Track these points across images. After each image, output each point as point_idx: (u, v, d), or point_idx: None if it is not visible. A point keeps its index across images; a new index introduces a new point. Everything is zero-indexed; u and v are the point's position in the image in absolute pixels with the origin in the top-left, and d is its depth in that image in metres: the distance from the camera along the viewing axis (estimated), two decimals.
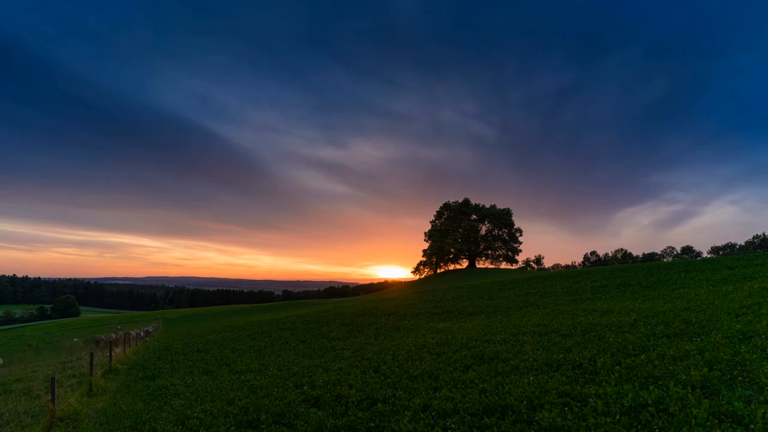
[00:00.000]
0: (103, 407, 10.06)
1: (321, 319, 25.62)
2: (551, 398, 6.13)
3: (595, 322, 12.05)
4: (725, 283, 18.32)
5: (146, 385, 12.17)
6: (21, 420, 9.46)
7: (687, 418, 4.76)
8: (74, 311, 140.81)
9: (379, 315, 23.81)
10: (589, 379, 6.91)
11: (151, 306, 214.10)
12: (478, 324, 15.88)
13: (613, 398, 5.76)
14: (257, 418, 7.32)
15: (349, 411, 6.99)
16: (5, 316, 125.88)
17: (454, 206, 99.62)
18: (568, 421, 5.23)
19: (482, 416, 5.94)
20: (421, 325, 18.45)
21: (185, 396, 10.03)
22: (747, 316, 9.98)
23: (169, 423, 7.67)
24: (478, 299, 26.17)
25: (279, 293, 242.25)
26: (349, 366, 10.91)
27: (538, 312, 17.27)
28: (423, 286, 65.06)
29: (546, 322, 13.61)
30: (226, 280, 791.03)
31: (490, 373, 8.23)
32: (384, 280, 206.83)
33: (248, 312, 62.40)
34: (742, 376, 5.90)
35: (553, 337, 10.74)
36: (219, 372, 13.06)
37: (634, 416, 5.12)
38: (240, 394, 9.25)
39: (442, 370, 9.02)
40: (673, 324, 10.11)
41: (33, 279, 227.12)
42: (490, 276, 61.39)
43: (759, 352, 6.78)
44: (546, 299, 21.97)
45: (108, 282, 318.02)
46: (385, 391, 7.83)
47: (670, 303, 14.13)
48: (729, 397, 5.20)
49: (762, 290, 13.92)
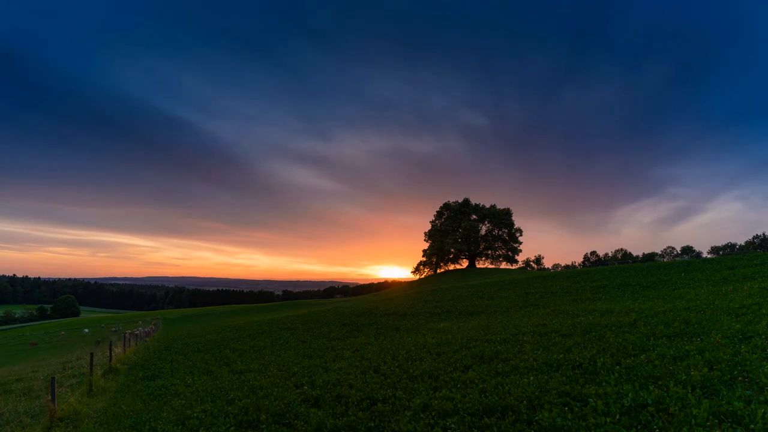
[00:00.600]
0: (103, 407, 10.06)
1: (321, 319, 25.61)
2: (551, 398, 6.13)
3: (595, 322, 12.05)
4: (725, 283, 18.32)
5: (146, 385, 12.17)
6: (21, 420, 9.47)
7: (687, 418, 4.76)
8: (74, 311, 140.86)
9: (379, 315, 23.81)
10: (589, 379, 6.91)
11: (151, 306, 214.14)
12: (478, 324, 15.89)
13: (613, 398, 5.76)
14: (257, 418, 7.32)
15: (349, 411, 6.99)
16: (5, 316, 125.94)
17: (454, 206, 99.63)
18: (568, 421, 5.23)
19: (482, 416, 5.94)
20: (421, 325, 18.45)
21: (185, 396, 10.03)
22: (747, 316, 9.98)
23: (169, 423, 7.67)
24: (478, 299, 26.17)
25: (279, 293, 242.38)
26: (349, 366, 10.91)
27: (538, 312, 17.27)
28: (423, 286, 65.07)
29: (546, 322, 13.61)
30: (226, 280, 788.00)
31: (490, 373, 8.23)
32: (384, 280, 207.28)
33: (248, 312, 62.39)
34: (742, 376, 5.91)
35: (553, 337, 10.74)
36: (219, 372, 13.05)
37: (634, 416, 5.13)
38: (240, 394, 9.25)
39: (442, 370, 9.02)
40: (673, 324, 10.11)
41: (33, 279, 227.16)
42: (490, 276, 61.39)
43: (759, 352, 6.78)
44: (546, 299, 21.97)
45: (108, 282, 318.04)
46: (385, 391, 7.83)
47: (670, 303, 14.13)
48: (729, 397, 5.20)
49: (762, 290, 13.92)
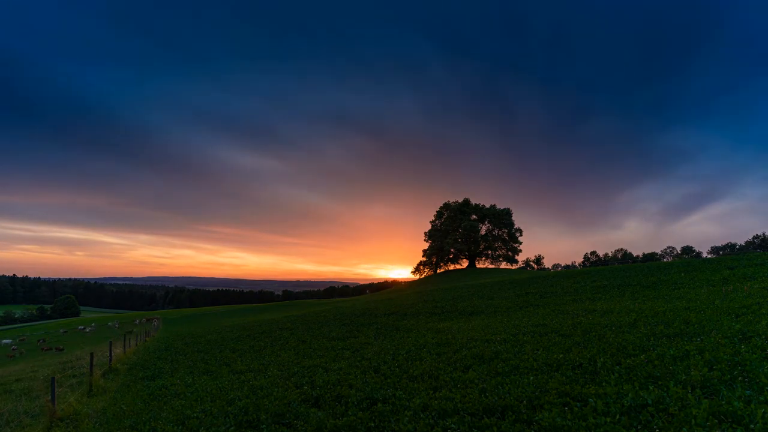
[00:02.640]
0: (103, 407, 10.06)
1: (321, 319, 25.61)
2: (551, 398, 6.13)
3: (595, 322, 12.05)
4: (725, 283, 18.30)
5: (146, 385, 12.17)
6: (21, 420, 9.47)
7: (687, 418, 4.76)
8: (74, 311, 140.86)
9: (379, 315, 23.81)
10: (589, 379, 6.91)
11: (151, 306, 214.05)
12: (478, 324, 15.88)
13: (613, 398, 5.76)
14: (257, 418, 7.32)
15: (349, 411, 6.98)
16: (5, 316, 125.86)
17: (454, 206, 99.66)
18: (568, 421, 5.23)
19: (482, 416, 5.94)
20: (421, 325, 18.45)
21: (185, 396, 10.02)
22: (747, 316, 9.97)
23: (169, 423, 7.66)
24: (478, 299, 26.16)
25: (279, 293, 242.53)
26: (349, 366, 10.90)
27: (538, 312, 17.26)
28: (423, 286, 65.09)
29: (546, 322, 13.61)
30: (226, 280, 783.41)
31: (490, 373, 8.23)
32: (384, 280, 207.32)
33: (248, 312, 62.39)
34: (742, 376, 5.90)
35: (553, 337, 10.74)
36: (219, 372, 13.05)
37: (634, 416, 5.12)
38: (240, 394, 9.25)
39: (442, 370, 9.02)
40: (673, 324, 10.11)
41: (33, 279, 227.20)
42: (490, 276, 61.40)
43: (759, 352, 6.77)
44: (546, 299, 21.97)
45: (108, 282, 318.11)
46: (385, 391, 7.82)
47: (670, 303, 14.13)
48: (729, 397, 5.20)
49: (762, 290, 13.92)
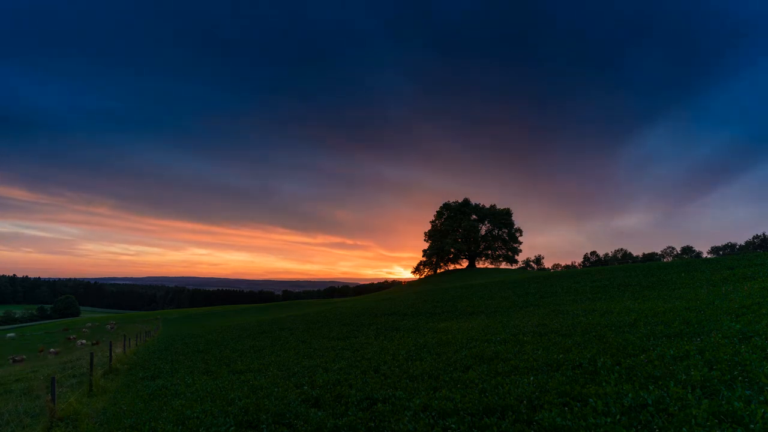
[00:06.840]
0: (103, 407, 10.05)
1: (321, 319, 25.61)
2: (551, 398, 6.13)
3: (595, 322, 12.05)
4: (725, 283, 18.29)
5: (146, 385, 12.16)
6: (21, 420, 9.47)
7: (687, 418, 4.76)
8: (74, 311, 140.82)
9: (379, 315, 23.80)
10: (589, 379, 6.91)
11: (151, 306, 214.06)
12: (478, 324, 15.88)
13: (613, 398, 5.76)
14: (257, 418, 7.32)
15: (349, 411, 6.99)
16: (5, 316, 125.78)
17: (454, 206, 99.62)
18: (568, 421, 5.23)
19: (482, 416, 5.94)
20: (421, 325, 18.45)
21: (185, 396, 10.02)
22: (747, 316, 9.96)
23: (169, 423, 7.66)
24: (478, 299, 26.16)
25: (279, 293, 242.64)
26: (349, 366, 10.90)
27: (538, 312, 17.26)
28: (423, 286, 65.08)
29: (546, 322, 13.61)
30: (226, 280, 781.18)
31: (490, 373, 8.23)
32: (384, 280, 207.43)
33: (248, 312, 62.38)
34: (742, 376, 5.90)
35: (553, 337, 10.74)
36: (219, 372, 13.05)
37: (634, 416, 5.12)
38: (240, 394, 9.25)
39: (442, 370, 9.02)
40: (673, 324, 10.11)
41: (33, 279, 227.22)
42: (490, 276, 61.40)
43: (759, 352, 6.77)
44: (546, 299, 21.96)
45: (108, 282, 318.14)
46: (385, 391, 7.83)
47: (670, 303, 14.12)
48: (729, 397, 5.20)
49: (762, 290, 13.90)
